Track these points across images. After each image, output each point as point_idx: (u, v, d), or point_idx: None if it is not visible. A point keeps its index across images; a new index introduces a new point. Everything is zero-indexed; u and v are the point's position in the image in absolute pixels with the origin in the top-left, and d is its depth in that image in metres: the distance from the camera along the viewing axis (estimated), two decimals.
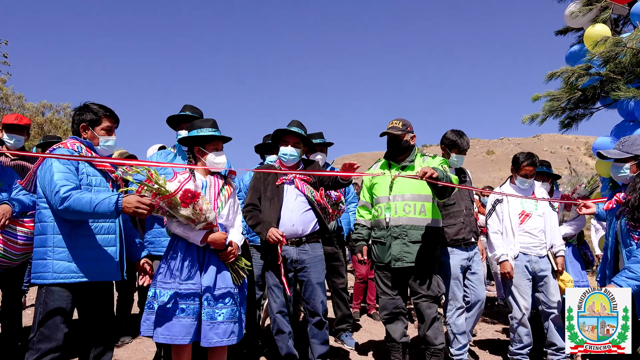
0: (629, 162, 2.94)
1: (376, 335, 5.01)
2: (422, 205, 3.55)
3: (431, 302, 3.52)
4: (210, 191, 3.00)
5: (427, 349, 3.55)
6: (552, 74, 4.46)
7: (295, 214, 3.45)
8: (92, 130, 2.82)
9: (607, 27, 4.37)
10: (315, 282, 3.44)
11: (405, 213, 3.52)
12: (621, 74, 3.99)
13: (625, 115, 4.15)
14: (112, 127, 2.89)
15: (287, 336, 3.44)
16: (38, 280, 2.57)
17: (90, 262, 2.62)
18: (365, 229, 3.78)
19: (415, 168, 3.58)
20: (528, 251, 3.97)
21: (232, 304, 2.87)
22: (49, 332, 2.51)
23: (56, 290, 2.55)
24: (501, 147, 61.70)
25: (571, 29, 5.35)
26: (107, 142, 2.86)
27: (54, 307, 2.54)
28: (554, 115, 4.66)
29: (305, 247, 3.47)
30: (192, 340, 2.78)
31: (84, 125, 2.81)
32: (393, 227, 3.52)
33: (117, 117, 2.94)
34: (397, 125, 3.64)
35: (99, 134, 2.83)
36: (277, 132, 3.59)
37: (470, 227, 3.97)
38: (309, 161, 3.77)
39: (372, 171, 3.83)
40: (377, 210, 3.66)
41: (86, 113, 2.82)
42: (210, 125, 3.09)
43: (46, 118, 21.47)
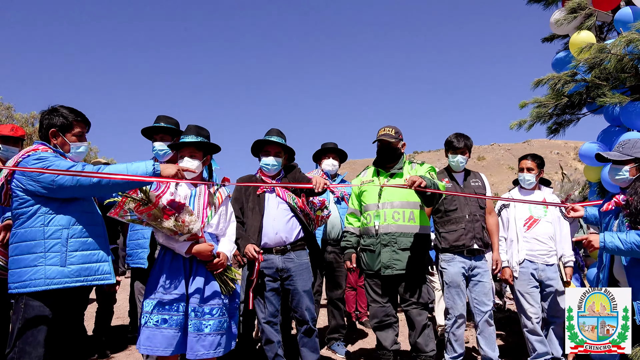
0: (628, 164, 2.94)
1: (367, 343, 4.99)
2: (411, 213, 3.54)
3: (421, 309, 3.51)
4: (198, 200, 2.96)
5: (418, 356, 3.53)
6: (538, 80, 4.50)
7: (279, 222, 3.43)
8: (62, 136, 2.65)
9: (592, 34, 4.42)
10: (302, 290, 3.42)
11: (395, 220, 3.51)
12: (606, 80, 4.03)
13: (611, 120, 4.19)
14: (83, 133, 2.73)
15: (276, 345, 3.41)
16: (25, 289, 2.43)
17: (82, 266, 2.54)
18: (354, 236, 3.76)
19: (403, 175, 3.58)
20: (534, 259, 3.87)
21: (220, 315, 2.83)
22: (30, 347, 2.40)
23: (42, 298, 2.44)
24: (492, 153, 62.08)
25: (557, 36, 5.42)
26: (79, 148, 2.71)
27: (35, 315, 2.42)
28: (541, 121, 4.69)
29: (290, 255, 3.45)
30: (174, 352, 2.73)
31: (54, 130, 2.63)
32: (382, 234, 3.50)
33: (89, 121, 2.80)
34: (390, 133, 3.63)
35: (70, 140, 2.67)
36: (257, 143, 3.58)
37: (472, 233, 3.76)
38: (289, 167, 3.75)
39: (361, 178, 3.83)
40: (366, 217, 3.65)
41: (56, 117, 2.64)
42: (193, 133, 3.06)
43: (35, 128, 21.30)
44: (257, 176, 3.62)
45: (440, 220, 3.88)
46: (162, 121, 3.70)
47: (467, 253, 3.78)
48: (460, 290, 3.74)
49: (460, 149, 3.89)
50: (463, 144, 3.90)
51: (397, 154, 3.66)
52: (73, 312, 2.63)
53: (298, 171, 3.74)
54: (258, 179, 3.58)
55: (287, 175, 3.63)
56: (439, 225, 3.88)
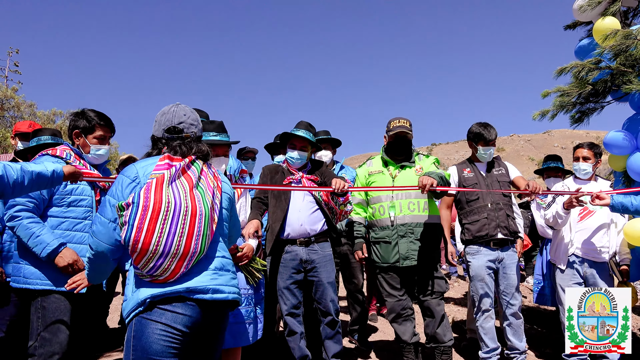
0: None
1: (389, 335, 5.00)
2: (425, 203, 3.57)
3: (440, 299, 3.51)
4: None
5: (437, 347, 3.52)
6: (561, 69, 4.41)
7: (303, 214, 3.45)
8: (84, 137, 2.80)
9: (617, 19, 4.32)
10: (326, 281, 3.44)
11: (410, 211, 3.52)
12: (632, 66, 3.94)
13: (637, 108, 4.10)
14: (105, 137, 2.87)
15: (299, 337, 3.43)
16: (31, 285, 2.60)
17: None
18: (362, 226, 3.78)
19: (414, 167, 3.63)
20: (583, 254, 3.66)
21: (246, 305, 2.89)
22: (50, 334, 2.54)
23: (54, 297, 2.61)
24: (511, 144, 61.21)
25: (580, 23, 5.30)
26: (99, 150, 2.84)
27: (57, 313, 2.59)
28: (564, 110, 4.60)
29: (314, 247, 3.47)
30: None
31: (77, 132, 2.80)
32: (399, 225, 3.50)
33: (113, 126, 2.93)
34: (406, 125, 3.64)
35: (91, 142, 2.81)
36: (284, 135, 3.60)
37: (496, 222, 3.64)
38: (317, 162, 3.76)
39: (367, 169, 3.82)
40: (378, 209, 3.64)
41: (80, 120, 2.80)
42: (213, 129, 3.06)
43: (57, 125, 21.77)
44: (283, 167, 3.65)
45: (463, 211, 3.84)
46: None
47: (493, 245, 3.68)
48: (486, 283, 3.66)
49: (492, 140, 3.78)
50: (495, 135, 3.80)
51: (410, 146, 3.68)
52: (90, 304, 2.76)
53: (325, 166, 3.75)
54: (285, 170, 3.61)
55: (314, 169, 3.65)
56: (462, 216, 3.84)
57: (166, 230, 1.76)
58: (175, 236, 1.77)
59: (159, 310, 1.77)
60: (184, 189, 1.85)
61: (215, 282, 1.86)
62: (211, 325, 1.90)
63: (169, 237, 1.76)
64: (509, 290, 3.69)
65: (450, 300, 6.74)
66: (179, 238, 1.78)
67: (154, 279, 1.79)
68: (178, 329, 1.77)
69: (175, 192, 1.82)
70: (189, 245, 1.80)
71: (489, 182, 3.78)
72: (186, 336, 1.80)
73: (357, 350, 4.39)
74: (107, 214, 1.87)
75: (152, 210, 1.75)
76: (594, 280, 3.65)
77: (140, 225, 1.74)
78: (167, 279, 1.79)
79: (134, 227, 1.74)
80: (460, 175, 3.90)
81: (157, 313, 1.77)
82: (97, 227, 1.88)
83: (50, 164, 2.33)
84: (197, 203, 1.84)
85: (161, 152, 2.03)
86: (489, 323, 3.68)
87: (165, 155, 1.95)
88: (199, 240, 1.83)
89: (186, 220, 1.80)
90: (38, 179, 2.22)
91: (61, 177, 2.34)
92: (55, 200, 2.69)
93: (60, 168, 2.34)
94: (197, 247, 1.82)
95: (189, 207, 1.81)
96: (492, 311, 3.70)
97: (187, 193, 1.85)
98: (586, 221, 3.71)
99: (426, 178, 3.09)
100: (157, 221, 1.75)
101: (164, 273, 1.78)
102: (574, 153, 3.96)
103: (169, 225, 1.76)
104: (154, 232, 1.74)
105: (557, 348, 4.05)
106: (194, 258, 1.83)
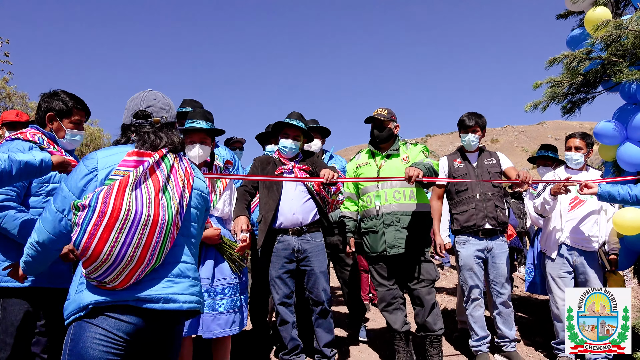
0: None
1: (381, 324, 5.03)
2: (412, 191, 3.57)
3: (430, 288, 3.53)
4: None
5: (427, 336, 3.55)
6: (553, 59, 4.40)
7: (296, 203, 3.45)
8: (59, 121, 2.57)
9: (608, 9, 4.31)
10: (318, 271, 3.45)
11: (396, 200, 3.54)
12: (623, 56, 3.94)
13: (628, 98, 4.11)
14: (81, 121, 2.66)
15: (291, 326, 3.45)
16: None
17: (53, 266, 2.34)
18: (352, 220, 3.80)
19: (400, 156, 3.63)
20: (573, 243, 3.69)
21: (232, 295, 2.90)
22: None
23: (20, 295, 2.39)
24: (505, 135, 61.39)
25: (572, 13, 5.28)
26: (75, 136, 2.63)
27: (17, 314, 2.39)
28: (555, 101, 4.60)
29: (306, 237, 3.47)
30: (187, 333, 2.78)
31: (51, 114, 2.56)
32: (385, 214, 3.52)
33: (89, 110, 2.71)
34: (382, 112, 3.67)
35: (67, 126, 2.59)
36: (277, 124, 3.59)
37: (484, 212, 3.70)
38: (308, 152, 3.76)
39: (356, 162, 3.84)
40: (365, 200, 3.66)
41: (55, 101, 2.57)
42: (202, 118, 3.04)
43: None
44: (275, 157, 3.64)
45: (452, 201, 3.87)
46: (187, 105, 3.66)
47: (482, 235, 3.73)
48: (474, 272, 3.72)
49: (471, 127, 3.84)
50: (474, 121, 3.84)
51: (389, 134, 3.67)
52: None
53: (317, 156, 3.76)
54: (276, 160, 3.60)
55: (306, 159, 3.65)
56: (452, 206, 3.88)
57: (121, 239, 1.60)
58: (130, 247, 1.62)
59: (102, 315, 1.64)
60: (149, 194, 1.68)
61: (169, 290, 1.71)
62: (160, 335, 1.75)
63: (123, 247, 1.61)
64: (499, 279, 3.74)
65: (443, 290, 6.80)
66: (133, 249, 1.62)
67: (101, 285, 1.64)
68: (120, 336, 1.63)
69: (139, 198, 1.66)
70: (144, 256, 1.65)
71: (479, 173, 3.82)
72: (128, 344, 1.66)
73: (349, 339, 4.42)
74: (57, 203, 1.73)
75: (110, 217, 1.59)
76: (583, 269, 3.69)
77: (94, 231, 1.58)
78: (115, 287, 1.64)
79: (86, 232, 1.58)
80: (451, 166, 3.92)
81: (100, 318, 1.64)
82: (45, 214, 1.74)
83: (38, 153, 2.25)
84: (160, 210, 1.68)
85: (129, 141, 1.89)
86: (478, 311, 3.72)
87: (134, 151, 1.76)
88: (155, 250, 1.68)
89: (145, 230, 1.64)
90: (26, 168, 2.13)
91: (49, 166, 2.25)
92: (33, 189, 2.48)
93: (48, 157, 2.25)
94: (152, 258, 1.68)
95: (150, 215, 1.65)
96: (481, 300, 3.75)
97: (152, 199, 1.68)
98: (576, 210, 3.74)
99: (412, 169, 3.10)
100: (113, 229, 1.59)
101: (112, 281, 1.63)
102: (566, 143, 3.98)
103: (124, 235, 1.61)
104: (106, 241, 1.59)
105: (548, 336, 4.11)
106: (147, 268, 1.68)
